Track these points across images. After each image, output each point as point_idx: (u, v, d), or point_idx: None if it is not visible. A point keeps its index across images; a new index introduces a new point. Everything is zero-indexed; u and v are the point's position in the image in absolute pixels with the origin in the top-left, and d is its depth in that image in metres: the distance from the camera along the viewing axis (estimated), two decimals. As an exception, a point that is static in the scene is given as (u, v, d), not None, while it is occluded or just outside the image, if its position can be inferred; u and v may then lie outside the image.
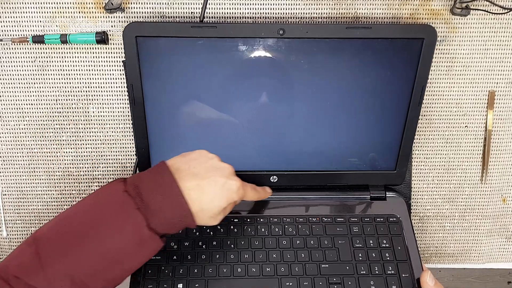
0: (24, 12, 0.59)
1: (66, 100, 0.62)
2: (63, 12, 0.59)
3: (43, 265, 0.43)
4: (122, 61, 0.61)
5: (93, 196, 0.48)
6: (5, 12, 0.59)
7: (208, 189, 0.48)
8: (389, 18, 0.61)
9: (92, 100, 0.62)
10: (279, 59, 0.56)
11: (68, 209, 0.48)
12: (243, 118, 0.60)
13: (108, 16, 0.59)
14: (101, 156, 0.65)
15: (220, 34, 0.54)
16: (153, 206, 0.46)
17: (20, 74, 0.61)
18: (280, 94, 0.58)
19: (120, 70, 0.61)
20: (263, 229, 0.60)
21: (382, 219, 0.62)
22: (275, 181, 0.63)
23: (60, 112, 0.63)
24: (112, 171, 0.65)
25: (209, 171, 0.50)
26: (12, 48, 0.60)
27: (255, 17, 0.60)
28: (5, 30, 0.59)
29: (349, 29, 0.55)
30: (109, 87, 0.62)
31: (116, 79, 0.62)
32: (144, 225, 0.45)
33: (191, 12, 0.60)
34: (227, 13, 0.60)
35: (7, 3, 0.58)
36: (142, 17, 0.60)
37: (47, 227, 0.46)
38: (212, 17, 0.60)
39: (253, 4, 0.60)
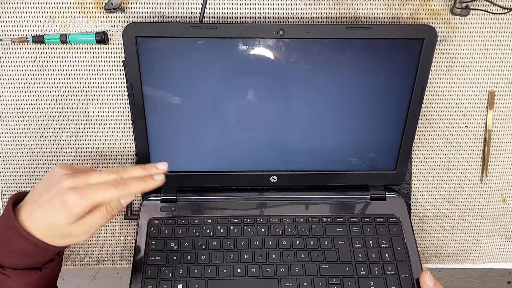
0: (24, 12, 0.59)
1: (66, 100, 0.62)
2: (63, 12, 0.59)
3: None
4: (122, 61, 0.61)
5: None
6: (5, 12, 0.59)
7: (40, 215, 0.46)
8: (389, 18, 0.61)
9: (92, 100, 0.62)
10: (279, 60, 0.56)
11: None
12: (243, 118, 0.59)
13: (108, 16, 0.59)
14: (101, 156, 0.65)
15: (220, 34, 0.54)
16: (1, 245, 0.46)
17: (20, 74, 0.61)
18: (280, 95, 0.58)
19: (120, 70, 0.61)
20: (262, 230, 0.60)
21: (382, 219, 0.62)
22: (275, 181, 0.63)
23: (60, 112, 0.63)
24: (112, 171, 0.65)
25: (47, 193, 0.47)
26: (12, 48, 0.60)
27: (255, 17, 0.60)
28: (5, 30, 0.59)
29: (349, 30, 0.55)
30: (109, 87, 0.62)
31: (116, 79, 0.62)
32: None
33: (191, 12, 0.60)
34: (227, 13, 0.60)
35: (7, 3, 0.58)
36: (142, 17, 0.60)
37: None
38: (212, 17, 0.60)
39: (253, 4, 0.60)
